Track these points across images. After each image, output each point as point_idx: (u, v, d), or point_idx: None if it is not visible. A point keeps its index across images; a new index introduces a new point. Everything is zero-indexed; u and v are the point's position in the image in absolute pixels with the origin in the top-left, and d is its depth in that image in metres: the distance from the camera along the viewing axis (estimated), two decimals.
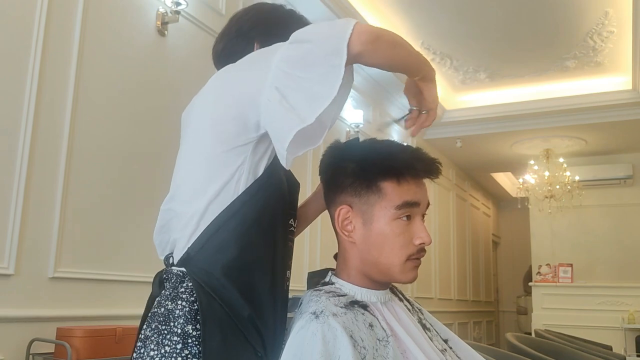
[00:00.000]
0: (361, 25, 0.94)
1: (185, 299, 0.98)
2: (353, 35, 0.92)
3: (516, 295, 10.21)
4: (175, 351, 0.95)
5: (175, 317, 0.97)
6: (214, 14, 3.40)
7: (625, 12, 4.49)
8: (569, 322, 6.22)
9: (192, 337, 0.96)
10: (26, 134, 2.34)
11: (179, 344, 0.95)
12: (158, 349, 0.96)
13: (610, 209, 7.35)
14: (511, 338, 2.81)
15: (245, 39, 1.22)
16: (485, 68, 5.63)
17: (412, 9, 4.54)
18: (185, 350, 0.95)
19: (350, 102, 5.12)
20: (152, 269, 1.14)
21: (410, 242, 1.04)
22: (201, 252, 1.01)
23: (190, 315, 0.96)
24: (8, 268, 2.24)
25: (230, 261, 0.99)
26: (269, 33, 1.19)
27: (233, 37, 1.24)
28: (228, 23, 1.29)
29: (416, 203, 1.05)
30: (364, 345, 0.94)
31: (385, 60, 1.01)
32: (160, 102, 3.00)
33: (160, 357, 0.95)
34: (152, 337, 0.98)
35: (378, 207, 1.04)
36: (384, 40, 0.97)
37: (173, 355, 0.94)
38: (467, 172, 8.52)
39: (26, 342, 2.26)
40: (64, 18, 2.54)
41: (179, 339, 0.95)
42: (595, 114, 6.09)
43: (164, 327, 0.97)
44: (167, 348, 0.95)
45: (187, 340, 0.95)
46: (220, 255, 0.99)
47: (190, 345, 0.95)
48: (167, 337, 0.96)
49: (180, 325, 0.96)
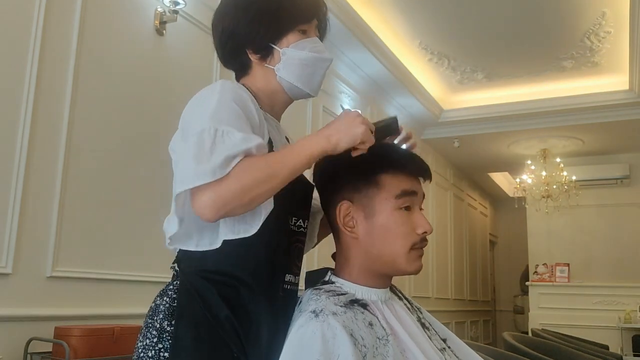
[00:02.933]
0: (204, 195, 0.90)
1: (170, 296, 1.03)
2: (196, 197, 0.91)
3: (513, 294, 10.24)
4: (152, 344, 1.00)
5: (158, 312, 1.02)
6: (212, 14, 3.38)
7: (622, 12, 4.50)
8: (565, 322, 6.24)
9: (166, 332, 1.00)
10: (24, 132, 2.34)
11: (155, 337, 1.00)
12: (142, 340, 1.02)
13: (607, 209, 7.37)
14: (508, 337, 2.82)
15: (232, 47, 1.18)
16: (483, 68, 5.64)
17: (410, 9, 4.55)
18: (159, 344, 1.00)
19: (348, 102, 5.13)
20: (150, 268, 1.15)
21: (413, 232, 1.06)
22: (191, 252, 1.04)
23: (168, 312, 1.01)
24: (6, 267, 2.24)
25: (215, 262, 1.01)
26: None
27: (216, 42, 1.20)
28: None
29: (414, 192, 1.08)
30: (364, 343, 0.94)
31: (268, 191, 0.94)
32: (158, 101, 3.00)
33: (142, 348, 1.02)
34: (142, 329, 1.04)
35: (378, 199, 1.05)
36: (241, 192, 0.91)
37: (149, 348, 1.01)
38: (465, 171, 8.54)
39: (24, 341, 2.26)
40: (62, 17, 2.54)
41: (156, 333, 1.01)
42: (592, 114, 6.10)
43: (150, 321, 1.03)
44: (147, 341, 1.01)
45: (162, 335, 1.00)
46: (206, 255, 1.02)
47: (164, 340, 1.00)
48: (149, 330, 1.02)
49: (159, 320, 1.01)
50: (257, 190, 0.92)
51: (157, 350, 1.00)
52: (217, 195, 0.90)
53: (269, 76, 1.15)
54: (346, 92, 5.10)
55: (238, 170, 0.91)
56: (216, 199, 0.90)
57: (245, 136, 0.94)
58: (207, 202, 0.90)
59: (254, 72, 1.16)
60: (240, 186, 0.91)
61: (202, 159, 0.90)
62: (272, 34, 1.13)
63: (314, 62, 1.14)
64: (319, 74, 1.16)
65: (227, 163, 0.90)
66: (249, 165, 0.92)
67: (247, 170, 0.92)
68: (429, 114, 6.30)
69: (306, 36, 1.15)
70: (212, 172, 0.89)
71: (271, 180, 0.94)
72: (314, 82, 1.16)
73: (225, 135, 0.93)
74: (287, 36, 1.13)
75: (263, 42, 1.13)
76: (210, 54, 3.39)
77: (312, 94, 1.18)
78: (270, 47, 1.13)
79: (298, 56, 1.13)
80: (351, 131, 1.00)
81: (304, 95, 1.18)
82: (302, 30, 1.15)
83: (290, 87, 1.15)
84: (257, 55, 1.14)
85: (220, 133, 0.93)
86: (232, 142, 0.92)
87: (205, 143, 0.92)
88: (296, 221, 1.11)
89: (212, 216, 0.91)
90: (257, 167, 0.93)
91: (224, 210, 0.91)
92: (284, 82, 1.14)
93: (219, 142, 0.92)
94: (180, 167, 0.96)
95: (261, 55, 1.14)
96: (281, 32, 1.13)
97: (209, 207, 0.90)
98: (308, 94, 1.17)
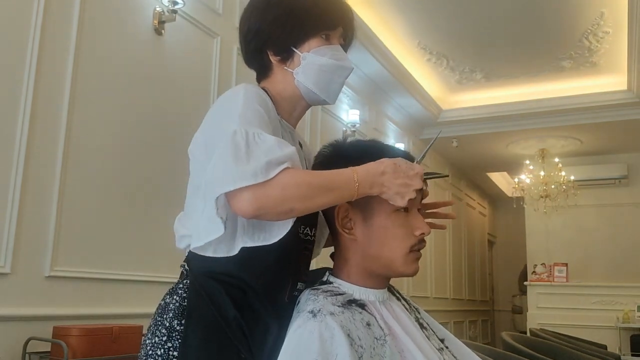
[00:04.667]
0: (254, 190, 0.90)
1: (180, 295, 1.04)
2: (235, 197, 0.91)
3: (511, 294, 10.24)
4: (161, 343, 1.01)
5: (168, 310, 1.03)
6: (211, 13, 3.40)
7: (620, 12, 4.51)
8: (564, 321, 6.25)
9: (176, 331, 1.01)
10: (23, 131, 2.33)
11: (165, 336, 1.01)
12: (151, 338, 1.03)
13: (605, 209, 7.38)
14: (507, 337, 2.82)
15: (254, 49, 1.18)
16: (482, 68, 5.64)
17: (409, 9, 4.55)
18: (168, 342, 1.00)
19: (347, 102, 5.13)
20: (149, 268, 1.15)
21: (411, 234, 1.06)
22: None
23: (178, 311, 1.02)
24: (4, 267, 2.24)
25: (224, 264, 1.01)
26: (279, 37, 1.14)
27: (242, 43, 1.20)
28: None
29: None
30: (361, 344, 0.94)
31: (305, 208, 0.96)
32: (157, 100, 3.00)
33: (151, 345, 1.02)
34: (151, 327, 1.05)
35: (376, 200, 1.05)
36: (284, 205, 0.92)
37: (159, 346, 1.01)
38: (463, 171, 8.54)
39: (22, 341, 2.26)
40: (61, 17, 2.54)
41: (166, 332, 1.01)
42: (590, 114, 6.11)
43: (159, 319, 1.04)
44: (156, 339, 1.02)
45: (172, 334, 1.01)
46: (216, 257, 1.01)
47: (174, 339, 1.00)
48: (158, 328, 1.02)
49: (169, 319, 1.02)
50: (296, 204, 0.93)
51: (166, 349, 1.00)
52: (256, 197, 0.91)
53: (288, 79, 1.15)
54: (345, 92, 5.10)
55: (282, 178, 0.92)
56: (255, 200, 0.91)
57: (278, 140, 0.95)
58: (248, 199, 0.91)
59: (273, 75, 1.17)
60: (282, 196, 0.92)
61: (240, 161, 0.91)
62: (295, 37, 1.13)
63: (333, 69, 1.14)
64: (337, 82, 1.16)
65: (270, 168, 0.91)
66: (294, 177, 0.93)
67: (291, 182, 0.92)
68: (428, 114, 6.30)
69: (329, 43, 1.15)
70: (253, 175, 0.90)
71: (312, 200, 0.95)
72: (332, 89, 1.16)
73: (257, 137, 0.94)
74: (310, 41, 1.13)
75: (285, 45, 1.13)
76: (209, 53, 3.39)
77: (329, 101, 1.18)
78: (292, 50, 1.13)
79: (318, 61, 1.13)
80: (403, 190, 1.00)
81: (320, 102, 1.18)
82: (326, 36, 1.15)
83: (307, 92, 1.15)
84: (277, 57, 1.14)
85: (252, 135, 0.94)
86: (267, 145, 0.93)
87: (240, 145, 0.92)
88: (304, 229, 1.11)
89: (251, 212, 0.92)
90: (302, 182, 0.94)
91: (261, 212, 0.92)
92: (302, 86, 1.14)
93: (253, 144, 0.93)
94: (217, 168, 0.93)
95: (282, 57, 1.14)
96: (304, 36, 1.13)
97: (249, 203, 0.91)
98: (325, 100, 1.17)
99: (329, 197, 0.96)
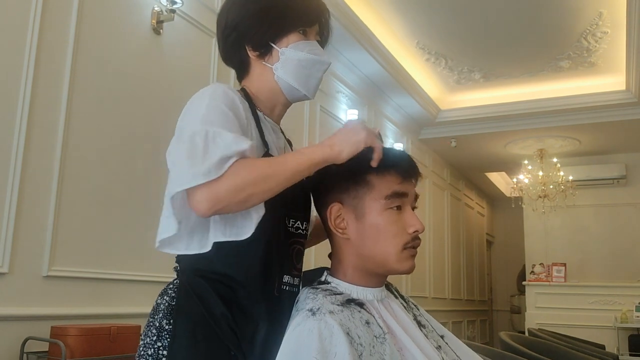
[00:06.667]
0: (204, 189, 0.92)
1: (169, 295, 1.05)
2: (190, 197, 0.94)
3: (510, 294, 10.25)
4: (151, 342, 1.02)
5: (158, 310, 1.04)
6: (209, 13, 3.39)
7: (619, 13, 4.51)
8: (562, 321, 6.25)
9: (165, 330, 1.02)
10: (21, 131, 2.33)
11: (155, 336, 1.02)
12: (144, 339, 1.04)
13: (604, 209, 7.39)
14: (505, 337, 2.82)
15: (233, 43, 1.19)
16: (480, 68, 5.64)
17: (408, 9, 4.55)
18: (158, 342, 1.02)
19: (345, 102, 5.13)
20: (147, 268, 1.15)
21: (404, 231, 1.06)
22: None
23: (167, 311, 1.03)
24: (2, 266, 2.24)
25: (208, 261, 1.02)
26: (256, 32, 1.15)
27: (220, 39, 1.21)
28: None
29: (404, 193, 1.07)
30: (360, 342, 0.94)
31: (265, 193, 0.96)
32: (155, 100, 3.00)
33: (143, 346, 1.04)
34: (145, 328, 1.06)
35: (368, 199, 1.05)
36: (241, 191, 0.93)
37: (149, 346, 1.03)
38: (462, 171, 8.55)
39: (20, 340, 2.25)
40: (59, 16, 2.53)
41: (156, 332, 1.02)
42: (588, 114, 6.12)
43: (151, 320, 1.05)
44: (148, 339, 1.03)
45: (161, 334, 1.02)
46: (201, 255, 1.02)
47: (163, 339, 1.02)
48: (150, 328, 1.04)
49: (159, 319, 1.03)
50: (252, 189, 0.94)
51: (155, 348, 1.01)
52: (211, 193, 0.92)
53: (267, 75, 1.16)
54: (344, 92, 5.10)
55: (233, 169, 0.93)
56: (210, 195, 0.92)
57: (236, 137, 0.96)
58: (202, 198, 0.92)
59: (252, 71, 1.18)
60: (234, 184, 0.93)
61: (196, 160, 0.93)
62: (273, 33, 1.14)
63: (311, 63, 1.15)
64: (315, 77, 1.17)
65: (222, 164, 0.93)
66: (245, 166, 0.94)
67: (241, 169, 0.94)
68: (426, 114, 6.30)
69: (306, 38, 1.16)
70: (207, 173, 0.92)
71: (268, 181, 0.95)
72: (311, 84, 1.17)
73: (217, 136, 0.95)
74: (288, 36, 1.14)
75: (263, 39, 1.14)
76: (208, 53, 3.38)
77: (309, 96, 1.19)
78: (270, 46, 1.14)
79: (297, 56, 1.14)
80: (353, 138, 1.02)
81: (300, 97, 1.19)
82: (303, 32, 1.16)
83: (287, 87, 1.16)
84: (256, 53, 1.15)
85: (212, 135, 0.95)
86: (224, 143, 0.94)
87: (198, 145, 0.94)
88: (294, 223, 1.11)
89: (206, 211, 0.93)
90: (253, 168, 0.95)
91: (218, 207, 0.93)
92: (282, 81, 1.15)
93: (211, 144, 0.94)
94: (175, 169, 0.97)
95: (260, 52, 1.15)
96: (282, 32, 1.14)
97: (204, 201, 0.92)
98: (305, 95, 1.18)
99: (285, 173, 0.97)
